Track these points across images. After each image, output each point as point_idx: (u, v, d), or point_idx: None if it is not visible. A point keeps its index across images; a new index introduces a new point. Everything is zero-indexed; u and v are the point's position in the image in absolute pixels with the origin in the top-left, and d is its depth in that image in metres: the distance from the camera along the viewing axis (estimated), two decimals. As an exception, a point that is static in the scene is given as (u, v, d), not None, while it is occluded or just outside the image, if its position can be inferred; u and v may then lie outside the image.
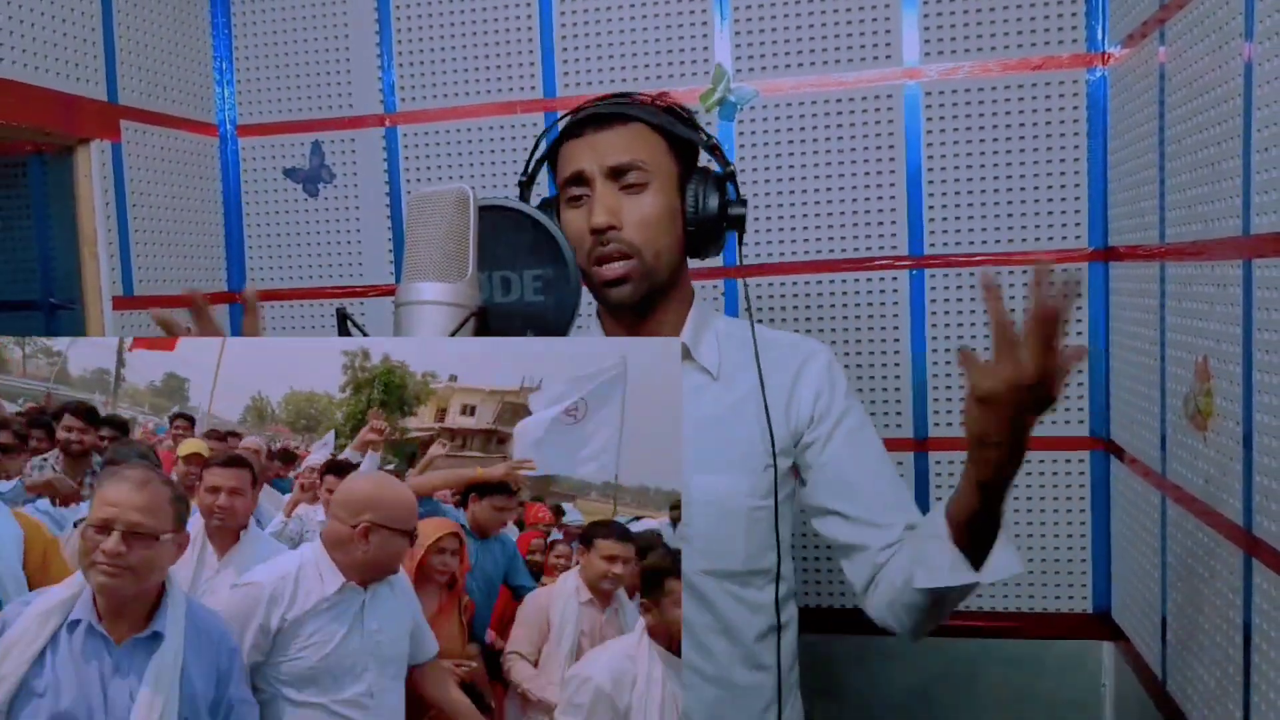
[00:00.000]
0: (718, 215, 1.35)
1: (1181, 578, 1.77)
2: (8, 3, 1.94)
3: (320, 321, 2.59)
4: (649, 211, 1.31)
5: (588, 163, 1.32)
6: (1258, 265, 1.42)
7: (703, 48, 2.33)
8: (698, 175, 1.37)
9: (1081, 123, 2.17)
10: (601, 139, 1.32)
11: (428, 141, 2.49)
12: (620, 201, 1.31)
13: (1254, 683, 1.46)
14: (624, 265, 1.31)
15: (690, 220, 1.35)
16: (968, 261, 2.24)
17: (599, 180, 1.31)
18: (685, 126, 1.38)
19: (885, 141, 2.26)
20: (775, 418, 1.39)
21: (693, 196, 1.35)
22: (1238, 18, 1.48)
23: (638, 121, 1.33)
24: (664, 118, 1.35)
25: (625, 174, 1.31)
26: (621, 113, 1.33)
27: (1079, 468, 2.23)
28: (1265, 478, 1.41)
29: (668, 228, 1.34)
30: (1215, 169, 1.58)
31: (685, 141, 1.38)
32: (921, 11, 2.22)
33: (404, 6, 2.48)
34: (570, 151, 1.35)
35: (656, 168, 1.33)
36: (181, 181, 2.46)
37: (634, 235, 1.31)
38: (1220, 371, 1.56)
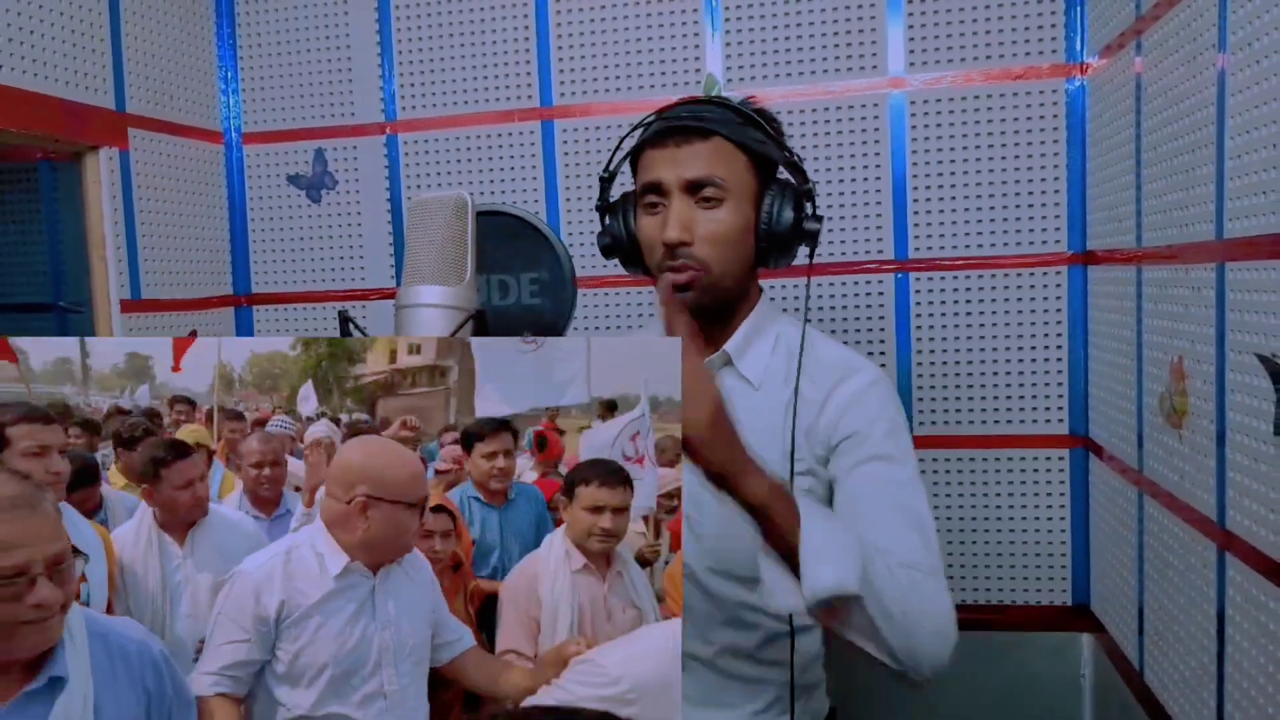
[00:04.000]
0: (790, 231, 1.33)
1: (1158, 571, 1.77)
2: (19, 15, 1.93)
3: (323, 324, 2.58)
4: (721, 228, 1.29)
5: (666, 174, 1.29)
6: (1230, 268, 1.43)
7: (694, 58, 2.33)
8: (775, 189, 1.33)
9: (1061, 130, 2.18)
10: (683, 153, 1.29)
11: (428, 149, 2.49)
12: (694, 215, 1.28)
13: (1227, 672, 1.47)
14: (690, 273, 1.29)
15: (763, 235, 1.33)
16: (951, 265, 2.24)
17: (675, 193, 1.29)
18: (768, 142, 1.33)
19: (871, 149, 2.26)
20: (804, 422, 1.33)
21: (767, 211, 1.32)
22: (1212, 29, 1.49)
23: (719, 136, 1.30)
24: (747, 133, 1.31)
25: (702, 188, 1.29)
26: (703, 127, 1.30)
27: (1059, 465, 2.24)
28: (1238, 474, 1.42)
29: (738, 243, 1.31)
30: (1190, 175, 1.58)
31: (767, 156, 1.34)
32: (906, 23, 2.22)
33: (405, 18, 2.48)
34: (651, 160, 1.32)
35: (734, 183, 1.30)
36: (188, 187, 2.46)
37: (704, 251, 1.28)
38: (1195, 371, 1.57)
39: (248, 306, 2.63)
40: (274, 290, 2.61)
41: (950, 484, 2.29)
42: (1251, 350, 1.35)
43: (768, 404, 1.34)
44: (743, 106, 1.34)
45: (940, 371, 2.27)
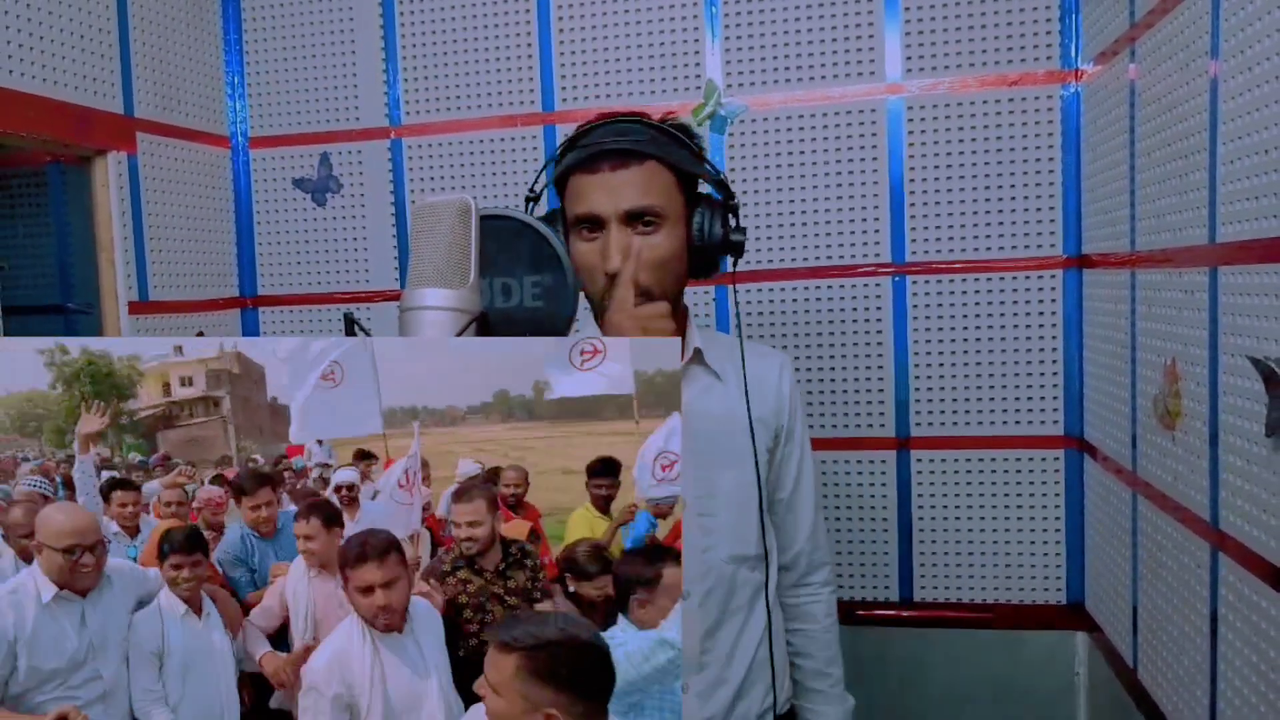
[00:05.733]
0: (720, 245, 1.34)
1: (1152, 570, 1.77)
2: (29, 20, 1.93)
3: (328, 326, 2.59)
4: (660, 254, 1.30)
5: (603, 205, 1.28)
6: (1223, 272, 1.43)
7: (695, 64, 2.33)
8: (703, 206, 1.35)
9: (1056, 136, 2.18)
10: (618, 179, 1.28)
11: (431, 153, 2.49)
12: (633, 243, 1.28)
13: (1220, 670, 1.47)
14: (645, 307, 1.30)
15: (694, 251, 1.34)
16: (948, 269, 2.24)
17: (614, 223, 1.28)
18: (693, 158, 1.35)
19: (869, 154, 2.26)
20: (765, 417, 1.43)
21: (698, 229, 1.33)
22: (1204, 37, 1.49)
23: (652, 159, 1.29)
24: (675, 153, 1.32)
25: (640, 217, 1.29)
26: (638, 150, 1.29)
27: (1054, 465, 2.24)
28: (1231, 475, 1.42)
29: (676, 264, 1.33)
30: (1183, 180, 1.58)
31: (693, 174, 1.36)
32: (904, 30, 2.23)
33: (409, 24, 2.48)
34: (584, 188, 1.30)
35: (669, 208, 1.30)
36: (195, 191, 2.46)
37: (646, 277, 1.29)
38: (1188, 374, 1.57)
39: (253, 308, 2.63)
40: (279, 292, 2.61)
41: (947, 484, 2.29)
42: (1244, 353, 1.35)
43: (731, 395, 1.40)
44: (666, 124, 1.34)
45: (937, 373, 2.27)
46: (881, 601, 2.34)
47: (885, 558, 2.33)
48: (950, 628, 2.29)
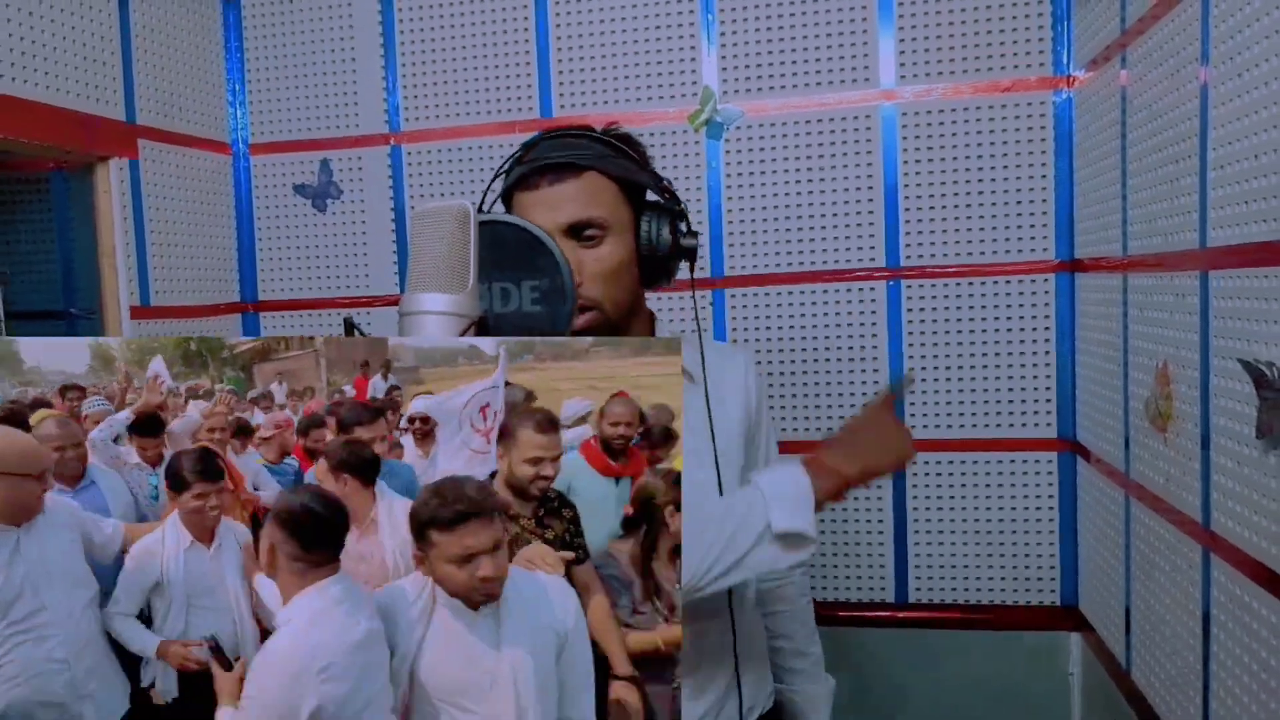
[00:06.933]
0: (670, 251, 1.32)
1: (1144, 571, 1.77)
2: (32, 29, 1.93)
3: (329, 330, 2.59)
4: (606, 265, 1.27)
5: (544, 220, 1.22)
6: (1214, 276, 1.43)
7: (691, 70, 2.33)
8: (649, 213, 1.32)
9: (1048, 141, 2.18)
10: (556, 193, 1.26)
11: (430, 159, 2.49)
12: (579, 257, 1.26)
13: (1213, 670, 1.47)
14: (587, 317, 1.28)
15: (645, 259, 1.32)
16: (942, 273, 2.25)
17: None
18: (636, 166, 1.32)
19: (863, 159, 2.26)
20: (739, 415, 1.41)
21: (646, 235, 1.31)
22: (1195, 43, 1.49)
23: (591, 170, 1.27)
24: (617, 163, 1.29)
25: (583, 230, 1.26)
26: (574, 163, 1.26)
27: (1047, 468, 2.24)
28: (1222, 476, 1.42)
29: (625, 274, 1.30)
30: (1174, 186, 1.59)
31: (636, 183, 1.33)
32: (897, 37, 2.23)
33: (408, 32, 2.48)
34: (525, 204, 1.27)
35: (613, 218, 1.28)
36: (196, 197, 2.46)
37: (593, 290, 1.27)
38: (1180, 376, 1.57)
39: (254, 313, 2.63)
40: (280, 297, 2.61)
41: (942, 486, 2.29)
42: (1234, 355, 1.35)
43: (702, 395, 1.36)
44: (607, 135, 1.32)
45: (931, 376, 2.27)
46: (877, 603, 2.34)
47: (880, 559, 2.33)
48: (945, 629, 2.29)
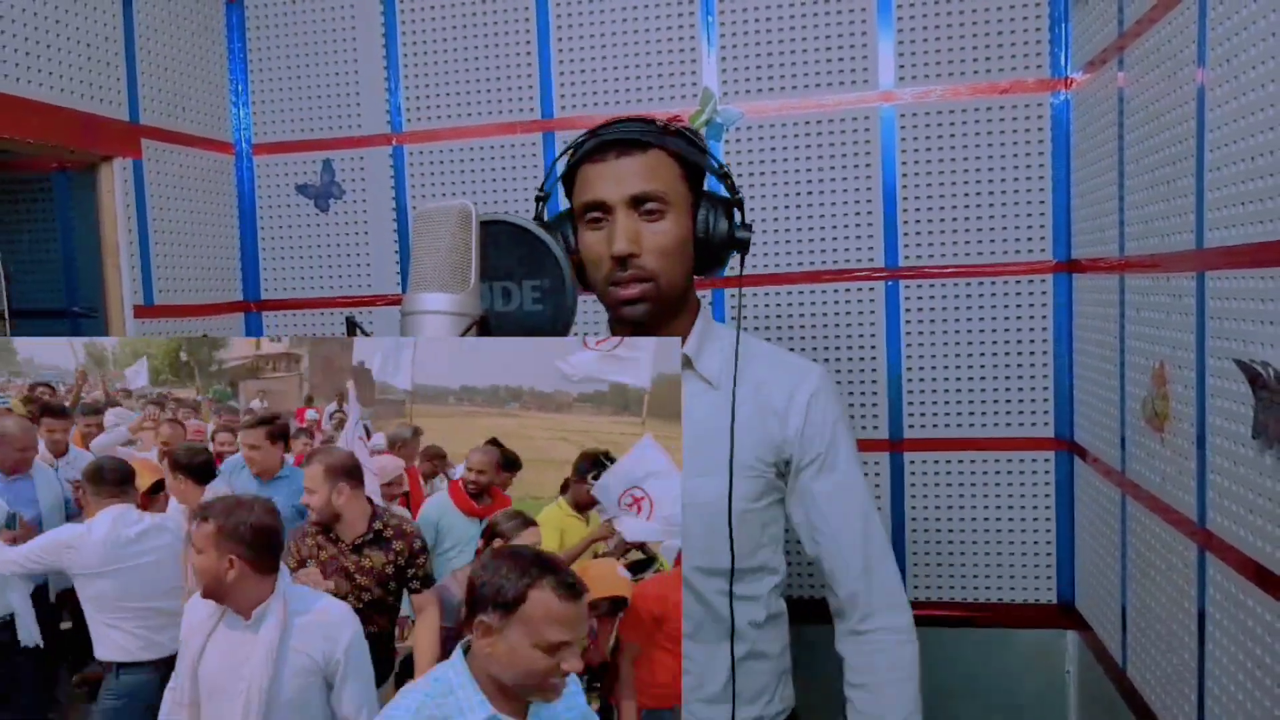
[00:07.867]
0: (726, 239, 1.35)
1: (1141, 570, 1.77)
2: (36, 29, 1.93)
3: (331, 329, 2.59)
4: (667, 240, 1.31)
5: (610, 191, 1.30)
6: (1210, 277, 1.44)
7: (691, 72, 2.33)
8: (707, 200, 1.36)
9: (1046, 143, 2.19)
10: (623, 166, 1.30)
11: (432, 159, 2.49)
12: (640, 228, 1.30)
13: (1208, 668, 1.47)
14: (640, 287, 1.30)
15: (700, 244, 1.35)
16: (940, 273, 2.25)
17: (620, 208, 1.30)
18: (698, 151, 1.36)
19: (862, 160, 2.27)
20: (769, 428, 1.38)
21: (703, 222, 1.34)
22: (1191, 45, 1.49)
23: (657, 149, 1.31)
24: (682, 145, 1.34)
25: (645, 203, 1.30)
26: (641, 139, 1.31)
27: (1044, 467, 2.24)
28: (1218, 476, 1.42)
29: (682, 253, 1.33)
30: (1171, 187, 1.59)
31: (698, 167, 1.37)
32: (896, 39, 2.23)
33: (410, 32, 2.48)
34: (592, 176, 1.32)
35: (674, 195, 1.32)
36: (199, 197, 2.46)
37: (652, 262, 1.30)
38: (1176, 376, 1.57)
39: (257, 312, 2.63)
40: (283, 296, 2.61)
41: (939, 485, 2.29)
42: (1230, 356, 1.36)
43: (725, 402, 1.36)
44: (669, 125, 1.36)
45: (929, 376, 2.27)
46: (875, 601, 2.34)
47: (879, 558, 2.33)
48: (942, 627, 2.29)
